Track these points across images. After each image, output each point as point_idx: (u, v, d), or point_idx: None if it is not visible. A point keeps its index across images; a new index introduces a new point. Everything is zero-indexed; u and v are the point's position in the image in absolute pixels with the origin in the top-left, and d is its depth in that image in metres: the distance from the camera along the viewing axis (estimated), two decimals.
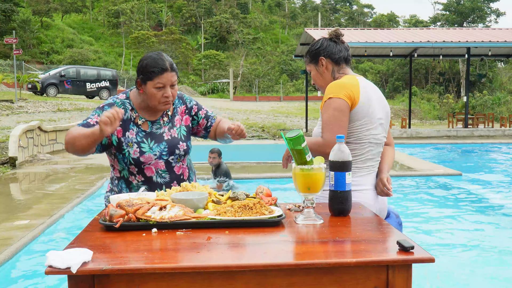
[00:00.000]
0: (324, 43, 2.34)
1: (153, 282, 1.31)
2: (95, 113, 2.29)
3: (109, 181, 2.51)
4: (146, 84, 2.24)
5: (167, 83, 2.23)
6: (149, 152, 2.29)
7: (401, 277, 1.37)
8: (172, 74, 2.24)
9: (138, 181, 2.33)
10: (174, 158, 2.38)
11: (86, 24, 54.27)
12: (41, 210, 5.76)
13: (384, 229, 1.63)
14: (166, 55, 2.29)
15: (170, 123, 2.41)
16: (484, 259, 4.53)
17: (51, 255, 1.28)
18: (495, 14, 52.99)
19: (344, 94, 2.14)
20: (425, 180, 8.43)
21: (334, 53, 2.30)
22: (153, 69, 2.20)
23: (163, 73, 2.21)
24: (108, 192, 2.49)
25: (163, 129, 2.37)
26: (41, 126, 11.05)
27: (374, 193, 2.21)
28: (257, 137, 16.32)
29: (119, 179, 2.38)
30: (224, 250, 1.39)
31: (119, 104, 2.31)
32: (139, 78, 2.26)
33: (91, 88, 26.67)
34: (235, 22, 54.39)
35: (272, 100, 38.92)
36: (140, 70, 2.25)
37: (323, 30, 19.67)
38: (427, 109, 31.74)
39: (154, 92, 2.22)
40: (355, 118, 2.16)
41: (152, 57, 2.24)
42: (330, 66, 2.32)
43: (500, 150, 14.38)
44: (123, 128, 2.29)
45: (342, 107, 2.13)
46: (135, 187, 2.34)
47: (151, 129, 2.34)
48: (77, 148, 2.15)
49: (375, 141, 2.22)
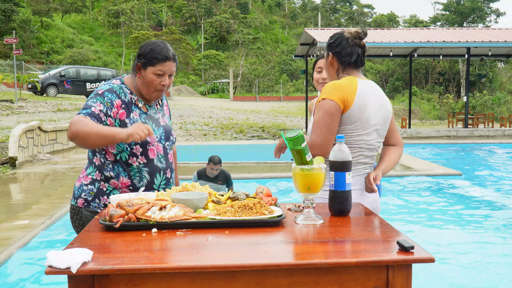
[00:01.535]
0: (338, 41, 2.26)
1: (153, 282, 1.30)
2: (96, 100, 2.21)
3: (90, 172, 2.32)
4: (146, 69, 2.24)
5: (167, 72, 2.24)
6: (154, 133, 2.29)
7: (401, 277, 1.37)
8: (173, 64, 2.26)
9: (140, 163, 2.27)
10: (169, 144, 2.40)
11: (86, 24, 54.27)
12: (41, 210, 5.76)
13: (384, 229, 1.63)
14: (169, 46, 2.31)
15: (162, 111, 2.44)
16: (484, 259, 4.53)
17: (51, 255, 1.27)
18: (495, 14, 52.97)
19: (338, 96, 2.12)
20: (425, 180, 8.42)
21: (342, 55, 2.24)
22: (157, 55, 2.21)
23: (165, 61, 2.22)
24: (90, 185, 2.29)
25: (158, 115, 2.39)
26: (41, 126, 11.05)
27: (360, 193, 2.18)
28: (257, 137, 16.32)
29: (114, 163, 2.27)
30: (224, 250, 1.39)
31: (118, 88, 2.28)
32: (140, 62, 2.24)
33: (91, 88, 26.65)
34: (235, 22, 54.38)
35: (272, 100, 38.93)
36: (143, 55, 2.24)
37: (323, 30, 19.67)
38: (427, 109, 31.72)
39: (152, 78, 2.23)
40: (346, 122, 2.14)
41: (157, 44, 2.25)
42: (336, 64, 2.29)
43: (500, 150, 14.38)
44: (126, 110, 2.26)
45: (332, 110, 2.11)
46: (134, 170, 2.26)
47: (150, 112, 2.35)
48: (88, 144, 2.09)
49: (367, 147, 2.19)
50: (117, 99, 2.25)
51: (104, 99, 2.22)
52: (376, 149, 2.26)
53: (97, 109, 2.18)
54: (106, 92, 2.25)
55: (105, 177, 2.28)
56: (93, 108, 2.18)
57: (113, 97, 2.24)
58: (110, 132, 2.05)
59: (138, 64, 2.26)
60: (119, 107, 2.25)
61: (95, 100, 2.22)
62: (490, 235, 5.38)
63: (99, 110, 2.19)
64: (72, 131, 2.09)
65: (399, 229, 1.65)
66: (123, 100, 2.26)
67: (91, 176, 2.31)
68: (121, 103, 2.26)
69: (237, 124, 18.02)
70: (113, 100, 2.24)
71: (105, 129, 2.07)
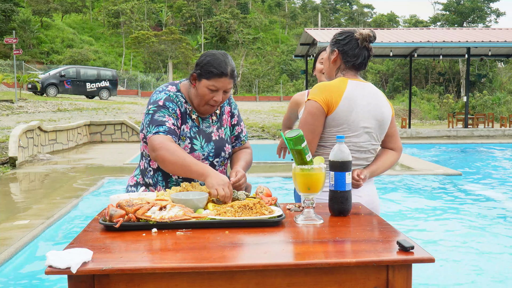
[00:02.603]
0: (347, 39, 2.22)
1: (153, 282, 1.31)
2: (163, 113, 2.11)
3: (136, 174, 2.32)
4: (200, 81, 2.12)
5: (221, 88, 2.11)
6: (199, 150, 2.19)
7: (401, 277, 1.37)
8: (230, 81, 2.12)
9: (178, 177, 2.18)
10: (219, 161, 2.26)
11: (86, 24, 54.27)
12: (41, 210, 5.76)
13: (384, 229, 1.63)
14: (231, 59, 2.17)
15: (218, 123, 2.29)
16: (484, 259, 4.53)
17: (51, 255, 1.28)
18: (495, 14, 53.01)
19: (322, 98, 2.11)
20: (425, 180, 8.42)
21: (349, 55, 2.21)
22: (213, 69, 2.08)
23: (221, 77, 2.09)
24: (133, 187, 2.30)
25: (211, 128, 2.25)
26: (41, 126, 11.05)
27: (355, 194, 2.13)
28: (257, 137, 16.32)
29: (155, 171, 2.22)
30: (224, 250, 1.39)
31: (174, 97, 2.17)
32: (196, 73, 2.13)
33: (91, 88, 26.69)
34: (235, 22, 54.37)
35: (272, 100, 38.95)
36: (200, 65, 2.12)
37: (323, 30, 19.68)
38: (427, 109, 31.74)
39: (205, 92, 2.11)
40: (332, 124, 2.13)
41: (216, 56, 2.11)
42: (339, 62, 2.26)
43: (500, 150, 14.38)
44: (181, 121, 2.16)
45: (314, 111, 2.11)
46: (173, 182, 2.20)
47: (202, 126, 2.23)
48: (166, 168, 2.03)
49: (356, 149, 2.17)
50: (177, 108, 2.16)
51: (170, 111, 2.13)
52: (370, 151, 2.23)
53: (171, 124, 2.10)
54: (167, 103, 2.14)
55: (146, 182, 2.25)
56: (167, 124, 2.09)
57: (174, 106, 2.15)
58: (195, 169, 1.95)
59: (193, 74, 2.15)
60: (180, 117, 2.16)
61: (162, 114, 2.11)
62: (490, 235, 5.38)
63: (173, 124, 2.10)
64: (158, 157, 2.02)
65: (399, 229, 1.65)
66: (180, 110, 2.17)
67: (136, 178, 2.31)
68: (180, 113, 2.17)
69: None
70: (175, 110, 2.15)
71: (192, 165, 1.97)
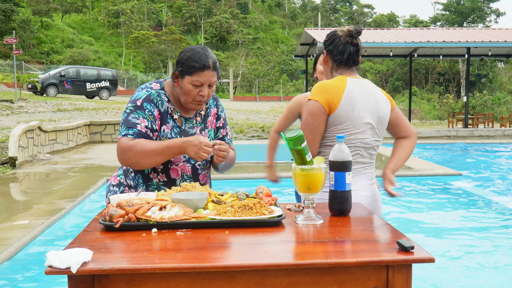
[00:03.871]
0: (331, 39, 2.26)
1: (153, 282, 1.31)
2: (138, 115, 2.07)
3: (119, 173, 2.29)
4: (183, 78, 2.06)
5: (205, 82, 2.06)
6: None
7: (401, 277, 1.37)
8: (213, 73, 2.08)
9: (160, 180, 2.15)
10: (201, 165, 2.21)
11: (86, 24, 54.26)
12: (41, 210, 5.76)
13: (384, 229, 1.63)
14: (211, 52, 2.12)
15: (202, 124, 2.24)
16: (484, 259, 4.53)
17: (51, 255, 1.27)
18: (495, 14, 53.00)
19: (322, 97, 2.12)
20: (425, 180, 8.42)
21: (334, 53, 2.24)
22: (194, 63, 2.03)
23: (204, 70, 2.04)
24: (115, 187, 2.26)
25: (195, 129, 2.20)
26: (41, 126, 11.05)
27: (359, 193, 2.15)
28: (257, 137, 16.32)
29: (136, 173, 2.18)
30: (224, 250, 1.39)
31: (155, 95, 2.12)
32: (177, 70, 2.07)
33: (91, 88, 26.69)
34: (235, 22, 54.37)
35: (272, 100, 38.93)
36: (180, 62, 2.06)
37: (323, 30, 19.67)
38: (427, 109, 31.72)
39: (190, 88, 2.05)
40: (336, 122, 2.14)
41: (196, 51, 2.06)
42: (330, 63, 2.29)
43: (500, 150, 14.38)
44: (160, 121, 2.11)
45: (315, 111, 2.12)
46: (153, 186, 2.16)
47: (184, 126, 2.17)
48: (147, 163, 2.02)
49: (362, 145, 2.18)
50: (155, 109, 2.10)
51: (146, 113, 2.08)
52: (374, 148, 2.24)
53: (143, 127, 2.05)
54: (145, 103, 2.09)
55: (127, 184, 2.23)
56: (139, 127, 2.05)
57: (152, 107, 2.10)
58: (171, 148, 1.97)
59: (175, 72, 2.09)
60: (158, 118, 2.11)
61: (137, 116, 2.07)
62: (490, 235, 5.38)
63: (145, 126, 2.06)
64: (125, 160, 2.02)
65: (399, 229, 1.65)
66: (159, 110, 2.11)
67: (119, 178, 2.28)
68: (158, 114, 2.11)
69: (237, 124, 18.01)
70: (153, 111, 2.09)
71: (161, 145, 1.98)
